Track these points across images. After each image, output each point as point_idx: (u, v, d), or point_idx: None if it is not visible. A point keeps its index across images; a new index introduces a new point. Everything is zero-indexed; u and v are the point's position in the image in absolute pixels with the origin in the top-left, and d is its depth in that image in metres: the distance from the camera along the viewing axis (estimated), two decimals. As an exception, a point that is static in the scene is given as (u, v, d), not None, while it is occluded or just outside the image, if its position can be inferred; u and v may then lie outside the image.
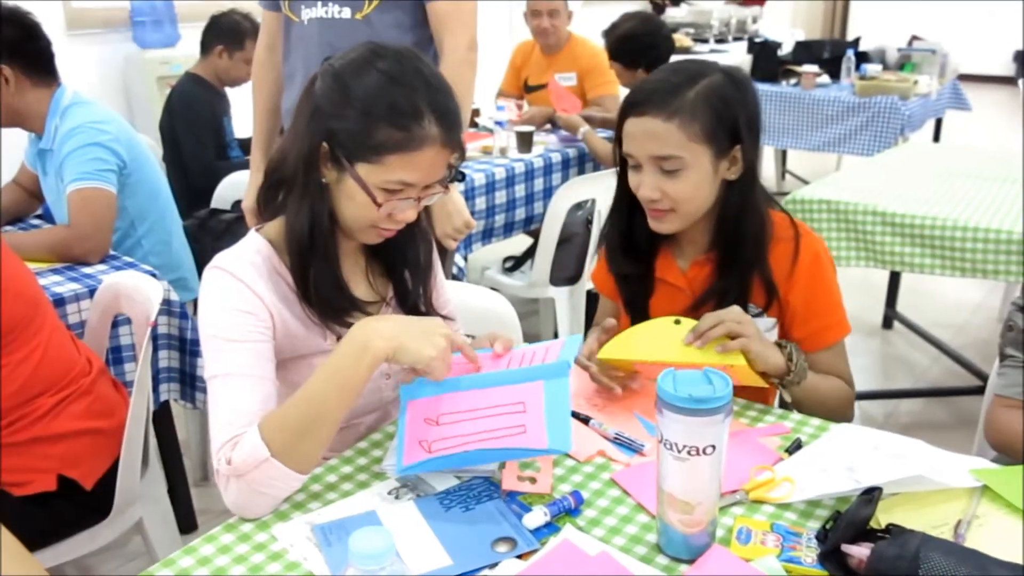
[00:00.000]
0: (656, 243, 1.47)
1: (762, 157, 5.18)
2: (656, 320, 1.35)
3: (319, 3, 2.00)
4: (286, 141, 1.28)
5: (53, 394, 1.60)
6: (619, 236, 1.47)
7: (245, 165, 2.33)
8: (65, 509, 1.62)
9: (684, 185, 1.33)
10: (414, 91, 1.18)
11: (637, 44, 3.17)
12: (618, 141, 1.39)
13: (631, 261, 1.48)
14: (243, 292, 1.22)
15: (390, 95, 1.17)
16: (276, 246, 1.28)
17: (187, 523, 2.32)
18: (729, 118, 1.32)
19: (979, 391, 1.67)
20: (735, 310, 1.29)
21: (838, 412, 1.41)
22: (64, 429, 1.60)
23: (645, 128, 1.32)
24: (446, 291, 1.52)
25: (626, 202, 1.43)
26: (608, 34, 3.30)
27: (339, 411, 1.13)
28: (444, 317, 1.46)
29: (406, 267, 1.38)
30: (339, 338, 1.31)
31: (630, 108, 1.34)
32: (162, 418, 2.22)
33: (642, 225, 1.42)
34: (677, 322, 1.31)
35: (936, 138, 5.29)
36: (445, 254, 2.15)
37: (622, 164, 1.41)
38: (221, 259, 1.25)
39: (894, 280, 3.59)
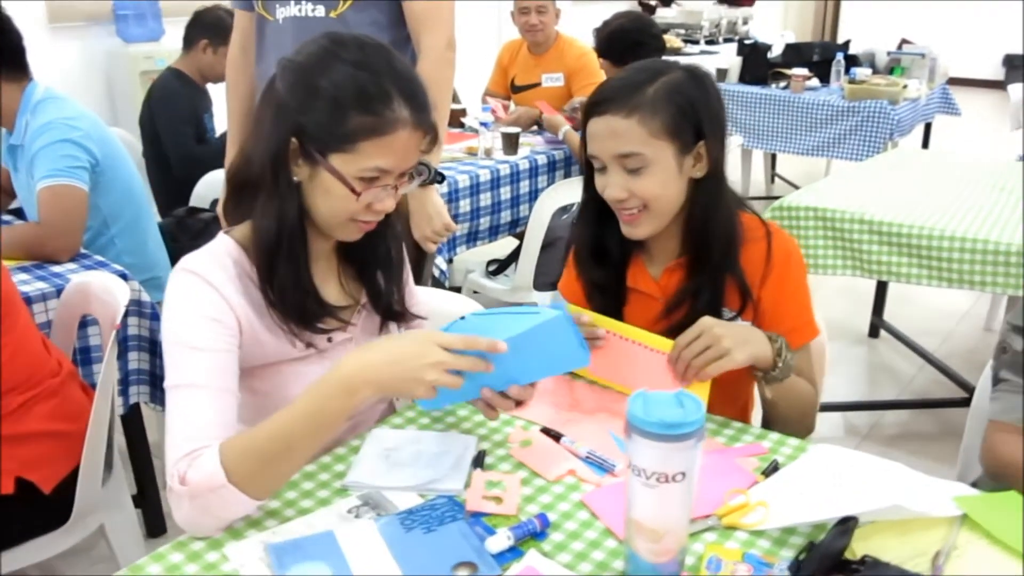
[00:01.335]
0: (627, 251, 1.44)
1: (750, 164, 5.12)
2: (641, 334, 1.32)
3: (293, 2, 1.96)
4: (248, 144, 1.24)
5: (20, 393, 1.57)
6: (588, 243, 1.44)
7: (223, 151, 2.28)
8: (21, 513, 1.59)
9: (650, 183, 1.31)
10: (380, 75, 1.16)
11: (625, 41, 3.15)
12: (584, 144, 1.37)
13: (601, 269, 1.44)
14: (211, 297, 1.18)
15: (357, 81, 1.14)
16: (246, 249, 1.24)
17: (156, 527, 2.28)
18: (691, 114, 1.31)
19: (964, 403, 1.64)
20: (706, 324, 1.25)
21: (806, 416, 1.41)
22: (28, 429, 1.57)
23: (607, 127, 1.30)
24: (415, 291, 1.49)
25: (593, 207, 1.40)
26: (598, 31, 3.29)
27: (311, 450, 1.09)
28: (417, 316, 1.42)
29: (378, 266, 1.35)
30: (308, 344, 1.28)
31: (592, 108, 1.33)
32: (132, 421, 2.18)
33: (612, 232, 1.39)
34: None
35: (925, 143, 5.27)
36: (425, 257, 2.12)
37: (588, 168, 1.38)
38: (190, 261, 1.21)
39: (881, 288, 3.56)
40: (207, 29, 3.43)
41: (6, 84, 2.15)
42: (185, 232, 2.72)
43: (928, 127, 5.19)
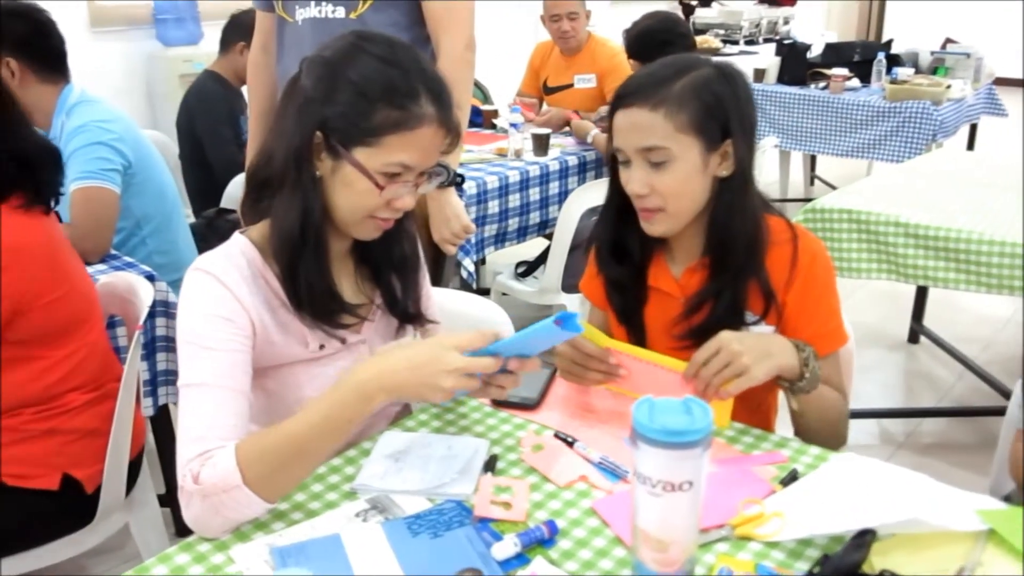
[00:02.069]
0: (648, 249, 1.42)
1: (788, 165, 4.98)
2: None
3: (312, 3, 1.97)
4: (269, 141, 1.24)
5: (87, 391, 1.62)
6: (610, 239, 1.42)
7: None
8: (53, 511, 1.61)
9: (672, 179, 1.28)
10: (408, 71, 1.16)
11: (654, 41, 3.11)
12: (609, 138, 1.35)
13: (622, 266, 1.42)
14: (225, 297, 1.18)
15: (385, 75, 1.15)
16: (261, 248, 1.24)
17: (185, 526, 2.28)
18: (719, 111, 1.28)
19: (1005, 412, 1.59)
20: (724, 340, 1.20)
21: (836, 428, 1.36)
22: (85, 427, 1.61)
23: (632, 120, 1.28)
24: (431, 293, 1.48)
25: (616, 204, 1.38)
26: (627, 32, 3.25)
27: (324, 453, 1.09)
28: (431, 321, 1.41)
29: (393, 269, 1.34)
30: (321, 346, 1.27)
31: (618, 101, 1.31)
32: (161, 421, 2.19)
33: (634, 230, 1.37)
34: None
35: (970, 145, 5.14)
36: (444, 259, 2.11)
37: (613, 163, 1.36)
38: (204, 261, 1.22)
39: (921, 292, 3.47)
40: (244, 31, 3.44)
41: (46, 86, 2.19)
42: (215, 233, 2.74)
43: (973, 128, 5.06)
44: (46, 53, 2.19)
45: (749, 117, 1.32)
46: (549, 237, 3.32)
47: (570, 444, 1.24)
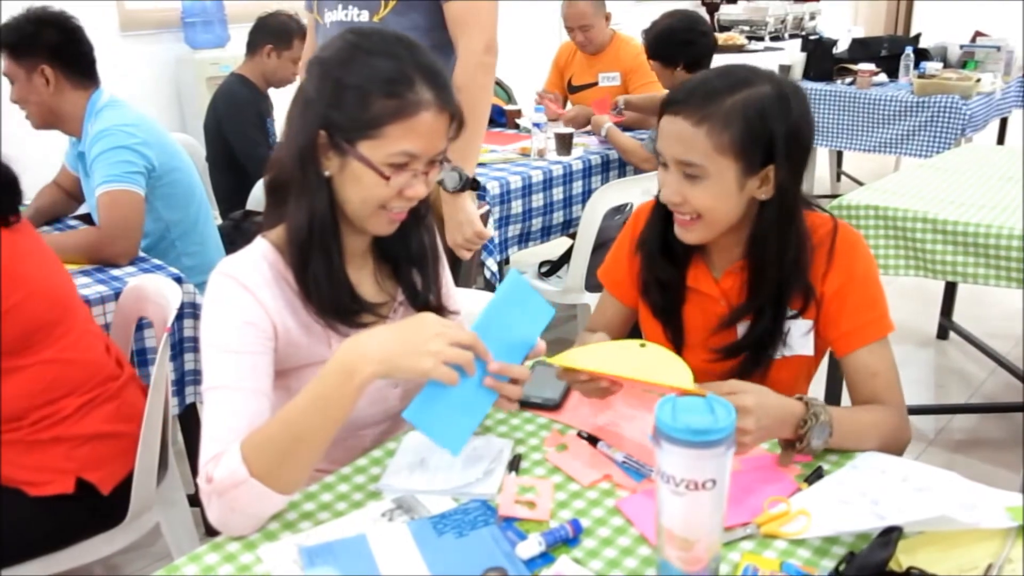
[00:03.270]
0: (689, 251, 1.41)
1: (814, 161, 4.92)
2: (621, 342, 1.23)
3: (339, 6, 1.99)
4: (280, 147, 1.26)
5: (80, 395, 1.62)
6: (659, 237, 1.41)
7: None
8: (79, 513, 1.63)
9: (704, 194, 1.27)
10: (399, 59, 1.16)
11: (673, 41, 3.09)
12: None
13: (667, 265, 1.41)
14: (246, 301, 1.19)
15: (379, 67, 1.15)
16: (281, 251, 1.25)
17: (214, 526, 2.32)
18: (764, 135, 1.24)
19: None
20: (748, 410, 1.07)
21: (886, 448, 1.22)
22: (89, 431, 1.61)
23: (675, 129, 1.27)
24: (452, 286, 1.48)
25: (663, 204, 1.37)
26: (647, 32, 3.23)
27: (322, 436, 1.08)
28: (453, 312, 1.41)
29: (413, 263, 1.34)
30: None
31: (667, 105, 1.30)
32: (188, 421, 2.22)
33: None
34: (643, 345, 1.18)
35: (1000, 139, 5.07)
36: (459, 264, 2.11)
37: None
38: (227, 264, 1.23)
39: (950, 288, 3.43)
40: (271, 34, 3.47)
41: (74, 91, 2.22)
42: (242, 235, 2.73)
43: (1004, 122, 4.99)
44: (78, 59, 2.22)
45: (799, 144, 1.28)
46: (573, 236, 3.32)
47: (593, 443, 1.24)
